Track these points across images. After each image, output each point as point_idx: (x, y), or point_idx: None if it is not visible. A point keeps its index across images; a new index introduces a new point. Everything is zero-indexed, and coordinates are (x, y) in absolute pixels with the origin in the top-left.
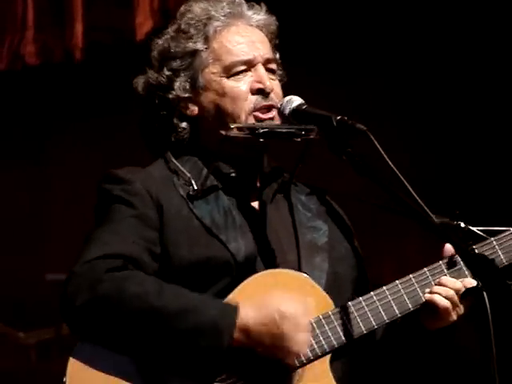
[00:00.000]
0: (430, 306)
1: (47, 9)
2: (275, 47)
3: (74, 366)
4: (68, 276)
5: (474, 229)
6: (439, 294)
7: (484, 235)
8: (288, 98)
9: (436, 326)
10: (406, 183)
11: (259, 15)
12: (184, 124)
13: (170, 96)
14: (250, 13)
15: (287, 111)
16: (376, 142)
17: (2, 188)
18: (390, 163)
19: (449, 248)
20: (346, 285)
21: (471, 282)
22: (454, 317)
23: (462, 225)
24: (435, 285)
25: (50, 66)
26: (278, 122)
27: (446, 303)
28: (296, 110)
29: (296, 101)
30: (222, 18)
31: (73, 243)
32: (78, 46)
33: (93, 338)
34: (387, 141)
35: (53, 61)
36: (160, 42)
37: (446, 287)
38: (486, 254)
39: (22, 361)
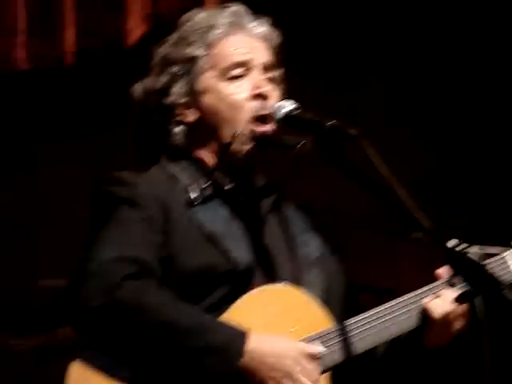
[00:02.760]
0: (429, 322)
1: (39, 14)
2: (277, 62)
3: (76, 372)
4: (81, 274)
5: (474, 248)
6: (435, 304)
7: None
8: (280, 102)
9: (436, 343)
10: (399, 189)
11: (262, 28)
12: (179, 129)
13: (168, 101)
14: (252, 24)
15: (279, 116)
16: (367, 148)
17: None
18: (384, 170)
19: (441, 273)
20: (338, 299)
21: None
22: (453, 329)
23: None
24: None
25: (42, 71)
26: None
27: (438, 315)
28: (288, 116)
29: (288, 106)
30: (224, 26)
31: (65, 249)
32: (70, 52)
33: (100, 343)
34: (398, 142)
35: (44, 66)
36: (161, 49)
37: (443, 299)
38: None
39: (15, 367)
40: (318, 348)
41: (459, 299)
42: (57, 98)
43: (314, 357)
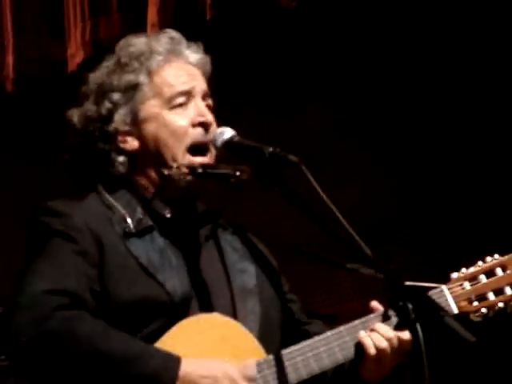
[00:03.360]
0: (364, 356)
1: None
2: (209, 87)
3: None
4: (12, 307)
5: (407, 283)
6: (371, 339)
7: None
8: (220, 129)
9: (372, 378)
10: (340, 216)
11: (197, 54)
12: (122, 158)
13: (110, 128)
14: (188, 51)
15: (219, 143)
16: (307, 174)
17: None
18: (323, 195)
19: (376, 305)
20: (276, 327)
21: (405, 334)
22: (379, 367)
23: (394, 279)
24: (370, 331)
25: None
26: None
27: (373, 351)
28: (228, 142)
29: (228, 132)
30: (164, 53)
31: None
32: (9, 78)
33: (33, 376)
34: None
35: None
36: (97, 74)
37: (378, 334)
38: None
39: None
40: (254, 370)
41: (399, 327)
42: None
43: (251, 379)
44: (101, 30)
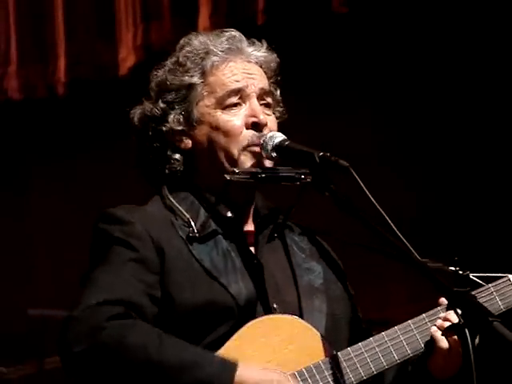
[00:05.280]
0: (432, 349)
1: (30, 44)
2: (276, 84)
3: None
4: (67, 320)
5: (472, 275)
6: (441, 329)
7: (481, 282)
8: (271, 133)
9: (444, 374)
10: (389, 221)
11: (259, 52)
12: (177, 156)
13: (164, 128)
14: (249, 49)
15: (270, 147)
16: (358, 178)
17: None
18: (373, 200)
19: (443, 300)
20: (343, 326)
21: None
22: (449, 359)
23: (460, 271)
24: (442, 320)
25: (33, 102)
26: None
27: (446, 344)
28: (278, 146)
29: (278, 137)
30: (221, 53)
31: (55, 277)
32: (61, 81)
33: None
34: (390, 179)
35: (36, 96)
36: (158, 73)
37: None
38: (484, 300)
39: None
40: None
41: (448, 332)
42: (49, 128)
43: None
44: (152, 35)
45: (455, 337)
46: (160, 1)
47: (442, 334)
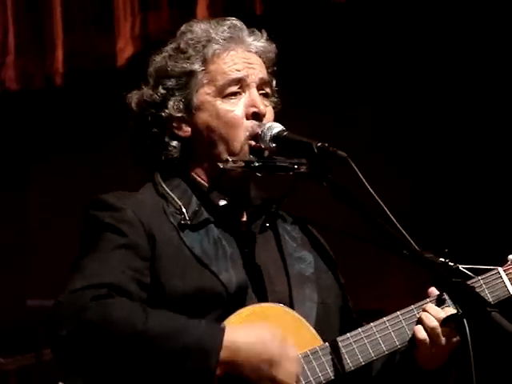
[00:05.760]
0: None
1: (28, 34)
2: (272, 74)
3: None
4: (53, 306)
5: (461, 267)
6: (422, 323)
7: (471, 274)
8: (269, 124)
9: (431, 365)
10: (387, 210)
11: (259, 42)
12: (175, 143)
13: (163, 114)
14: (250, 39)
15: (268, 137)
16: (357, 169)
17: None
18: (371, 191)
19: (433, 290)
20: (334, 315)
21: (451, 311)
22: (433, 350)
23: (450, 262)
24: (422, 311)
25: (31, 92)
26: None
27: (423, 335)
28: (277, 137)
29: (276, 127)
30: (222, 41)
31: (53, 269)
32: (59, 72)
33: (80, 368)
34: (386, 168)
35: (33, 86)
36: (157, 58)
37: (429, 314)
38: None
39: None
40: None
41: (446, 321)
42: (46, 118)
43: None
44: (150, 25)
45: (443, 328)
46: None
47: (440, 325)
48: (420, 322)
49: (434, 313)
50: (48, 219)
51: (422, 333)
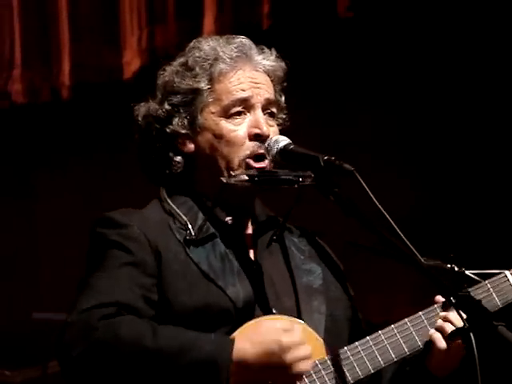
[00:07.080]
0: (430, 348)
1: (34, 47)
2: (281, 91)
3: None
4: (63, 326)
5: (468, 272)
6: (443, 332)
7: (478, 278)
8: (275, 137)
9: (443, 372)
10: (394, 224)
11: (268, 61)
12: (179, 158)
13: (168, 130)
14: (258, 57)
15: (274, 151)
16: (363, 182)
17: None
18: (377, 204)
19: (439, 298)
20: (342, 326)
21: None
22: (447, 357)
23: (456, 268)
24: (442, 320)
25: (37, 105)
26: (269, 168)
27: (443, 344)
28: (283, 150)
29: (283, 141)
30: (229, 60)
31: (59, 282)
32: (65, 85)
33: None
34: (390, 180)
35: (40, 100)
36: (165, 73)
37: (452, 324)
38: (481, 296)
39: None
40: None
41: (453, 336)
42: (53, 131)
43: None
44: (157, 38)
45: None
46: (165, 4)
47: (444, 338)
48: (440, 330)
49: (456, 322)
50: (54, 232)
51: (441, 342)
